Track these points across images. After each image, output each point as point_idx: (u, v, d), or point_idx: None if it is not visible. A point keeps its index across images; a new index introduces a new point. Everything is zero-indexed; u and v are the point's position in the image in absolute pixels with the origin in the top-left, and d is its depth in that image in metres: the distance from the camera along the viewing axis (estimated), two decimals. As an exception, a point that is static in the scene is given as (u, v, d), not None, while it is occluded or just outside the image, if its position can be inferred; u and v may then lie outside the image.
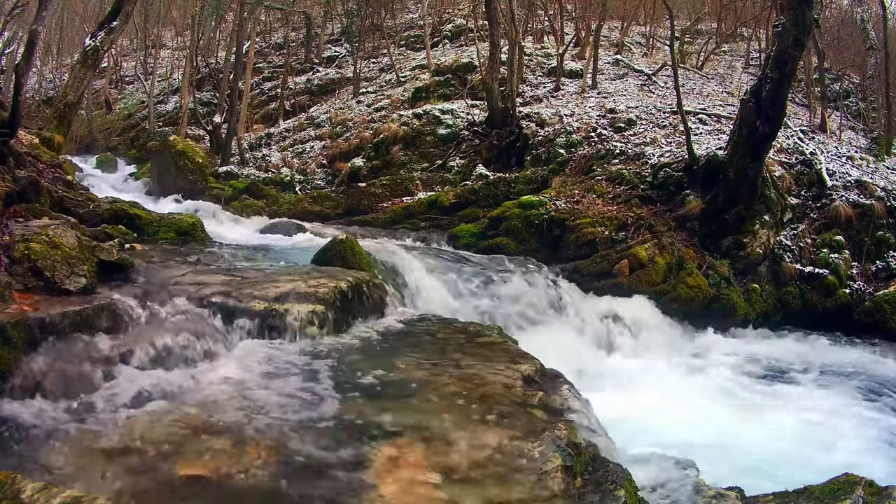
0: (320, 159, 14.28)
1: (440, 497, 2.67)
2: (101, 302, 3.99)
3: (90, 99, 20.94)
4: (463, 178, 12.46)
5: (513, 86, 13.18)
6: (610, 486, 2.97)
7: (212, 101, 18.53)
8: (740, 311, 9.04)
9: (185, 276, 4.97)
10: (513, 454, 3.04)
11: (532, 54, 16.73)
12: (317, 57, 21.12)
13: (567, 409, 3.72)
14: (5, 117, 5.91)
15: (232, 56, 16.37)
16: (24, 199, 5.65)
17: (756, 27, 18.18)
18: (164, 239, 6.88)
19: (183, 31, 26.03)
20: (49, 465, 2.74)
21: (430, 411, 3.44)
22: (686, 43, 18.82)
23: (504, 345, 4.78)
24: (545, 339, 6.66)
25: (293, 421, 3.23)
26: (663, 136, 11.63)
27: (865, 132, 14.12)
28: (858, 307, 9.21)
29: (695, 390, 6.44)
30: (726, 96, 14.50)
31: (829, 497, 3.25)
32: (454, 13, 22.41)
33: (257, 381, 3.70)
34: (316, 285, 4.85)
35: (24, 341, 3.40)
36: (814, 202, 10.35)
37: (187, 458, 2.83)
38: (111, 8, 9.62)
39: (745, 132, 8.93)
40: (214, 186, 13.15)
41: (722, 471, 4.26)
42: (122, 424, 3.08)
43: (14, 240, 4.19)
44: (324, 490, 2.70)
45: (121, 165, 17.60)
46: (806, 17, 8.40)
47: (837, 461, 4.67)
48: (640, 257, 8.78)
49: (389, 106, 15.36)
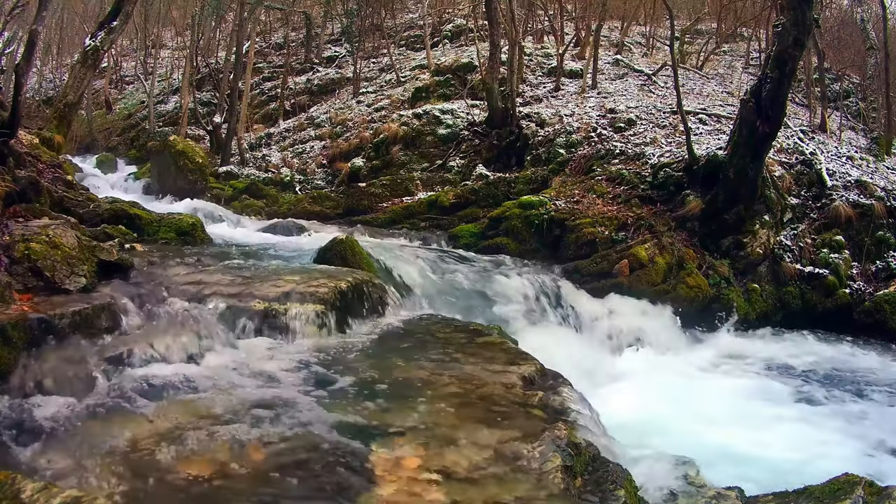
0: (320, 159, 14.28)
1: (440, 497, 2.67)
2: (101, 302, 4.00)
3: (90, 99, 20.94)
4: (463, 178, 12.46)
5: (513, 86, 13.18)
6: (610, 486, 2.98)
7: (212, 101, 18.53)
8: (740, 311, 9.04)
9: (185, 276, 4.98)
10: (512, 454, 3.04)
11: (532, 54, 16.73)
12: (317, 57, 21.12)
13: (567, 409, 3.72)
14: (5, 117, 5.91)
15: (232, 56, 16.37)
16: (24, 199, 5.65)
17: (756, 27, 18.18)
18: (164, 239, 6.88)
19: (183, 31, 26.03)
20: (49, 464, 2.74)
21: (430, 411, 3.44)
22: (686, 43, 18.81)
23: (504, 345, 4.78)
24: (545, 340, 6.66)
25: (293, 421, 3.23)
26: (663, 136, 11.63)
27: (865, 132, 14.11)
28: (858, 307, 9.21)
29: (695, 390, 6.44)
30: (726, 96, 14.49)
31: (829, 497, 3.25)
32: (454, 13, 22.39)
33: (257, 381, 3.71)
34: (316, 285, 4.85)
35: (25, 341, 3.41)
36: (814, 202, 10.35)
37: (188, 457, 2.83)
38: (111, 8, 9.62)
39: (745, 132, 8.93)
40: (214, 186, 13.15)
41: (722, 470, 4.26)
42: (122, 423, 3.09)
43: (14, 240, 4.20)
44: (324, 490, 2.70)
45: (121, 165, 17.61)
46: (806, 17, 8.40)
47: (836, 463, 4.67)
48: (640, 257, 8.78)
49: (389, 106, 15.35)
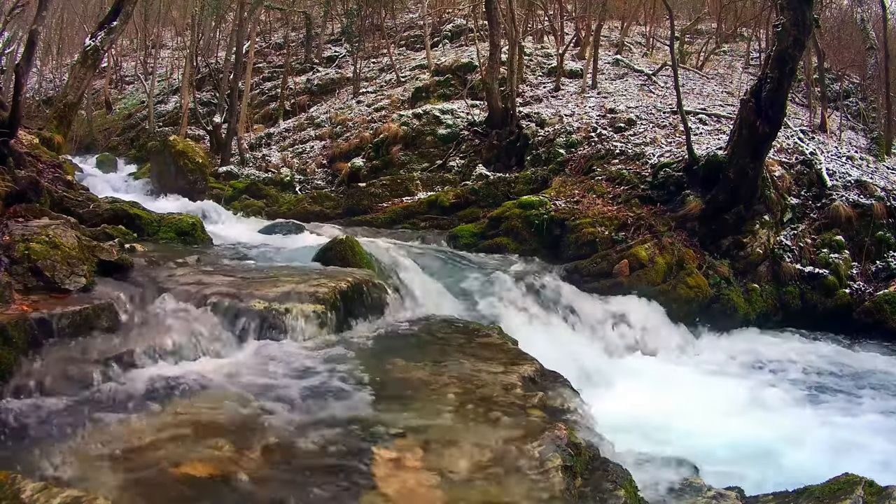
0: (320, 159, 14.28)
1: (440, 497, 2.68)
2: (101, 302, 3.99)
3: (90, 99, 20.94)
4: (463, 178, 12.47)
5: (513, 86, 13.18)
6: (610, 486, 2.98)
7: (212, 101, 18.52)
8: (740, 311, 9.04)
9: (185, 276, 4.97)
10: (513, 455, 3.04)
11: (532, 54, 16.73)
12: (317, 57, 21.11)
13: (567, 409, 3.73)
14: (5, 117, 5.91)
15: (232, 56, 16.36)
16: (24, 199, 5.65)
17: (756, 27, 18.18)
18: (164, 239, 6.88)
19: (183, 31, 26.00)
20: (49, 464, 2.74)
21: (431, 412, 3.44)
22: (686, 43, 18.81)
23: (504, 345, 4.78)
24: (545, 340, 6.66)
25: (293, 421, 3.23)
26: (663, 136, 11.62)
27: (865, 132, 14.10)
28: (858, 307, 9.20)
29: (695, 390, 6.43)
30: (726, 96, 14.48)
31: (830, 497, 3.25)
32: (454, 13, 22.40)
33: (257, 381, 3.71)
34: (316, 285, 4.85)
35: (25, 341, 3.41)
36: (814, 202, 10.34)
37: (188, 457, 2.83)
38: (111, 8, 9.62)
39: (745, 132, 8.93)
40: (214, 186, 13.14)
41: (722, 470, 4.26)
42: (123, 424, 3.09)
43: (14, 240, 4.19)
44: (324, 490, 2.70)
45: (121, 165, 17.59)
46: (806, 17, 8.40)
47: (836, 463, 4.66)
48: (640, 257, 8.78)
49: (389, 106, 15.35)
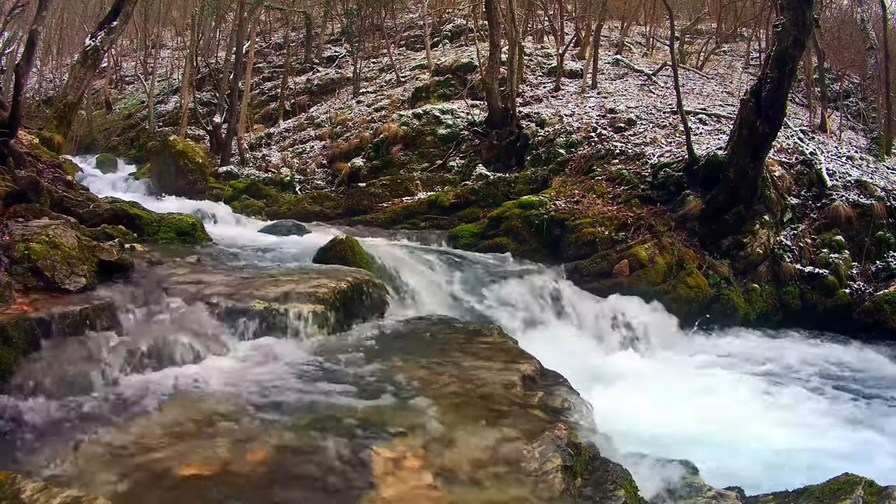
0: (320, 159, 14.28)
1: (440, 497, 2.67)
2: (101, 302, 4.00)
3: (90, 99, 20.94)
4: (463, 178, 12.47)
5: (513, 86, 13.18)
6: (610, 486, 2.98)
7: (212, 101, 18.52)
8: (740, 311, 9.04)
9: (185, 276, 4.97)
10: (513, 454, 3.04)
11: (532, 54, 16.73)
12: (317, 57, 21.11)
13: (567, 409, 3.73)
14: (5, 117, 5.91)
15: (232, 56, 16.36)
16: (24, 199, 5.65)
17: (756, 27, 18.18)
18: (164, 239, 6.87)
19: (183, 31, 26.01)
20: (49, 464, 2.74)
21: (431, 412, 3.44)
22: (686, 43, 18.81)
23: (504, 345, 4.78)
24: (545, 340, 6.66)
25: (293, 421, 3.23)
26: (663, 136, 11.63)
27: (865, 132, 14.10)
28: (858, 307, 9.20)
29: (695, 390, 6.43)
30: (726, 96, 14.48)
31: (829, 497, 3.25)
32: (454, 13, 22.40)
33: (257, 381, 3.71)
34: (316, 285, 4.85)
35: (25, 341, 3.41)
36: (814, 202, 10.34)
37: (187, 456, 2.83)
38: (111, 8, 9.62)
39: (745, 132, 8.93)
40: (214, 186, 13.14)
41: (722, 471, 4.26)
42: (122, 424, 3.09)
43: (14, 240, 4.20)
44: (324, 490, 2.70)
45: (121, 165, 17.57)
46: (806, 17, 8.40)
47: (836, 463, 4.66)
48: (640, 257, 8.78)
49: (389, 106, 15.35)
